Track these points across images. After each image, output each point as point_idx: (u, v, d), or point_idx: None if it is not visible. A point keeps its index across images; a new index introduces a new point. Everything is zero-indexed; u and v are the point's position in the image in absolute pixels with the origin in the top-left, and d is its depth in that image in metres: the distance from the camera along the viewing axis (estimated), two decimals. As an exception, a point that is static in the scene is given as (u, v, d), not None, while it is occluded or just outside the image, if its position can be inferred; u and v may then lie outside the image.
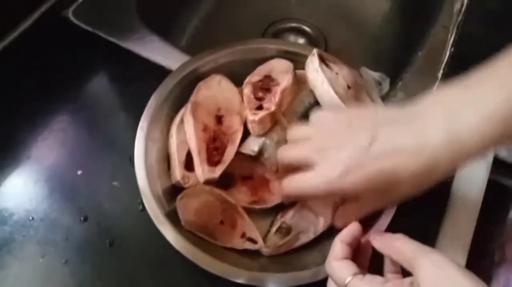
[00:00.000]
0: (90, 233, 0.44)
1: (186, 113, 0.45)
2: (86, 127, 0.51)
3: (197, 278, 0.42)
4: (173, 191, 0.43)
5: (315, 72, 0.45)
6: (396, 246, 0.33)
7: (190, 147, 0.44)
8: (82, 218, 0.45)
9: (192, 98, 0.45)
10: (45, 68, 0.55)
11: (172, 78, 0.47)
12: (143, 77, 0.54)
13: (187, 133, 0.44)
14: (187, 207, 0.41)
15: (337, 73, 0.46)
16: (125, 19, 0.59)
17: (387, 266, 0.36)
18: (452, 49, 0.59)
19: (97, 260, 0.43)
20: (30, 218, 0.45)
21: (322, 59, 0.46)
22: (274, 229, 0.41)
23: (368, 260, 0.37)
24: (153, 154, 0.44)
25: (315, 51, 0.46)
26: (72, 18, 0.58)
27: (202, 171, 0.42)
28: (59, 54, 0.56)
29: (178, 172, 0.43)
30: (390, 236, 0.35)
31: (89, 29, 0.57)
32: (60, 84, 0.54)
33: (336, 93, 0.44)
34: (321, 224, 0.42)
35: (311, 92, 0.46)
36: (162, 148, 0.46)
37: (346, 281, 0.33)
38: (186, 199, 0.41)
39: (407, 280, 0.32)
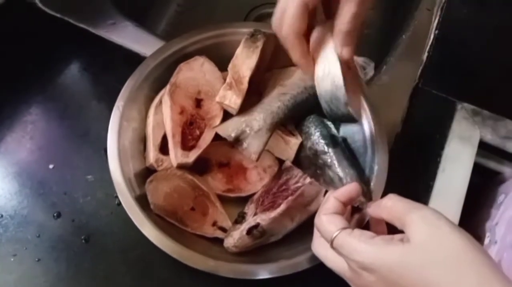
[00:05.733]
0: (64, 230, 0.43)
1: (164, 94, 0.43)
2: (57, 119, 0.49)
3: (178, 275, 0.41)
4: (147, 175, 0.41)
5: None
6: (388, 205, 0.32)
7: (165, 129, 0.43)
8: (55, 214, 0.43)
9: (172, 79, 0.44)
10: (11, 57, 0.52)
11: (154, 57, 0.45)
12: (117, 65, 0.51)
13: (164, 115, 0.43)
14: (156, 191, 0.40)
15: None
16: (96, 4, 0.56)
17: (373, 227, 0.36)
18: (437, 32, 0.59)
19: (72, 258, 0.42)
20: (-1, 215, 0.43)
21: None
22: (245, 227, 0.39)
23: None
24: (128, 134, 0.42)
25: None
26: (39, 4, 0.55)
27: (175, 155, 0.41)
28: (26, 42, 0.53)
29: (152, 154, 0.42)
30: (381, 199, 0.34)
31: (58, 15, 0.54)
32: (28, 74, 0.51)
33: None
34: (293, 227, 0.41)
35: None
36: (139, 129, 0.44)
37: (334, 235, 0.32)
38: (156, 183, 0.40)
39: (398, 236, 0.31)
